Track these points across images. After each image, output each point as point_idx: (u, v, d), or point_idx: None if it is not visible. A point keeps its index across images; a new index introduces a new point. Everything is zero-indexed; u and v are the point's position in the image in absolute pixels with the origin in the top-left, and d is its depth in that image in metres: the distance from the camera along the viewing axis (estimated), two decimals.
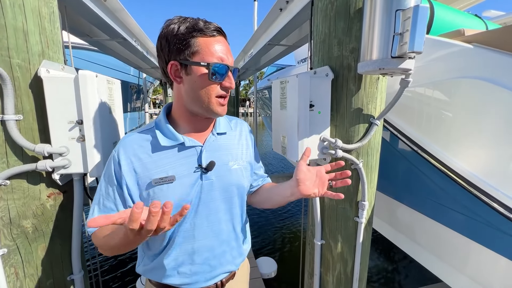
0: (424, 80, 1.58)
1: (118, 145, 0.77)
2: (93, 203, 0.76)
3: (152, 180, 0.74)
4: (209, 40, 0.71)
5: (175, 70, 0.73)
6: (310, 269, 1.51)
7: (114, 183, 0.74)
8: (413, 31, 0.85)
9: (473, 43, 1.40)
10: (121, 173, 0.74)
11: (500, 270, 1.25)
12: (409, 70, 0.98)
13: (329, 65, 1.19)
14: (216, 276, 0.85)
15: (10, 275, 0.96)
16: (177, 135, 0.77)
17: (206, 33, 0.70)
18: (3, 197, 0.93)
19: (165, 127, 0.78)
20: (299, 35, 2.34)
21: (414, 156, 1.62)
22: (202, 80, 0.71)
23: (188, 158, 0.79)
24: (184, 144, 0.78)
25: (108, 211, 0.74)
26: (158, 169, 0.75)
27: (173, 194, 0.75)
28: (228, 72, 0.74)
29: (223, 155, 0.83)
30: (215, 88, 0.73)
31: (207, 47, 0.70)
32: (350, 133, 1.21)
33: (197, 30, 0.69)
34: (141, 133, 0.79)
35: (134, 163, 0.74)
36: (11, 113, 0.90)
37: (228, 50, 0.75)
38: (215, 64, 0.70)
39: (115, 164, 0.75)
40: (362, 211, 1.27)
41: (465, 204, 1.37)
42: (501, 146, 1.22)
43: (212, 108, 0.75)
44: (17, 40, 0.91)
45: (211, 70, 0.70)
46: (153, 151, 0.76)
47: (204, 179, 0.79)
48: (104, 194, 0.75)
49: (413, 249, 1.83)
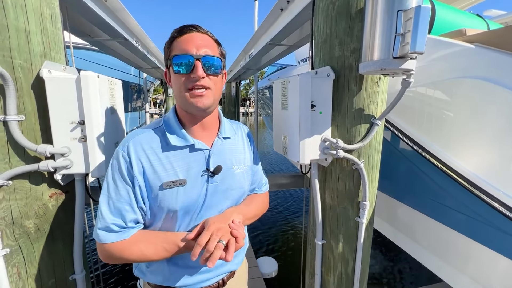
0: (425, 80, 1.58)
1: (126, 144, 0.74)
2: (101, 208, 0.72)
3: (163, 183, 0.73)
4: (180, 38, 0.73)
5: (168, 77, 0.79)
6: (311, 268, 1.51)
7: (129, 184, 0.72)
8: (414, 32, 0.85)
9: (475, 43, 1.39)
10: (133, 173, 0.72)
11: (501, 270, 1.25)
12: (411, 71, 0.97)
13: (330, 65, 1.19)
14: (217, 276, 0.87)
15: (12, 275, 0.96)
16: (187, 136, 0.77)
17: (179, 34, 0.73)
18: (6, 198, 0.93)
19: (175, 126, 0.78)
20: (300, 35, 2.34)
21: (415, 156, 1.62)
22: (172, 76, 0.74)
23: (197, 161, 0.79)
24: (194, 146, 0.78)
25: (122, 214, 0.72)
26: (168, 171, 0.74)
27: (183, 197, 0.75)
28: (194, 62, 0.70)
29: (228, 159, 0.85)
30: (183, 80, 0.72)
31: (177, 45, 0.73)
32: (351, 133, 1.21)
33: (174, 34, 0.74)
34: (149, 131, 0.78)
35: (144, 164, 0.73)
36: (13, 113, 0.90)
37: (198, 40, 0.72)
38: (174, 56, 0.71)
39: (126, 164, 0.72)
40: (363, 211, 1.27)
41: (466, 203, 1.37)
42: (502, 146, 1.22)
43: (186, 101, 0.73)
44: (19, 40, 0.91)
45: (171, 63, 0.72)
46: (162, 151, 0.76)
47: (210, 182, 0.80)
48: (115, 196, 0.72)
49: (414, 249, 1.83)
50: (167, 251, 0.73)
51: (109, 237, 0.71)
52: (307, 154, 1.17)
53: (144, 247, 0.72)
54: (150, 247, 0.73)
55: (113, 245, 0.71)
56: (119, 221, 0.72)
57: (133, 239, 0.73)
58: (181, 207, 0.76)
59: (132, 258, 0.72)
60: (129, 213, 0.72)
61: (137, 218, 0.74)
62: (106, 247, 0.71)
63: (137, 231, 0.75)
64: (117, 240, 0.71)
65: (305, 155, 1.16)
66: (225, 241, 0.68)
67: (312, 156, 1.19)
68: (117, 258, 0.72)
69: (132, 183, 0.72)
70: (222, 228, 0.71)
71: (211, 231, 0.69)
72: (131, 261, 0.74)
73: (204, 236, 0.67)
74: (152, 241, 0.74)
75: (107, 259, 0.73)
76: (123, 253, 0.71)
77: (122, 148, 0.73)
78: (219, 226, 0.71)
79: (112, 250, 0.71)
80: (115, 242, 0.71)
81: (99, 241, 0.71)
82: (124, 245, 0.71)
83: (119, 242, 0.71)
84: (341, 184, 1.29)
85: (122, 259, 0.72)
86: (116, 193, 0.72)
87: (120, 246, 0.71)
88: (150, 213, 0.76)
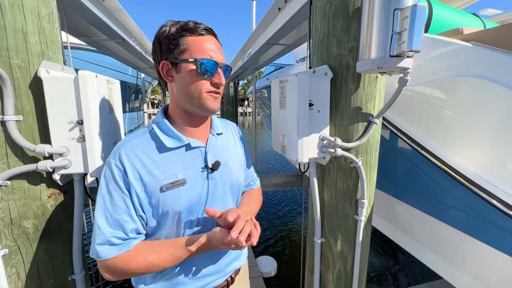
0: (423, 78, 1.59)
1: (117, 153, 0.71)
2: (98, 222, 0.68)
3: (163, 185, 0.71)
4: (198, 39, 0.72)
5: (166, 70, 0.75)
6: (310, 267, 1.52)
7: (126, 193, 0.69)
8: (411, 30, 0.85)
9: (472, 41, 1.40)
10: (129, 181, 0.69)
11: (499, 266, 1.26)
12: (408, 69, 0.98)
13: (328, 64, 1.20)
14: (226, 274, 0.87)
15: (11, 275, 0.96)
16: (181, 136, 0.76)
17: (195, 32, 0.72)
18: (4, 198, 0.93)
19: (167, 128, 0.77)
20: (297, 34, 2.34)
21: (414, 154, 1.63)
22: (191, 76, 0.72)
23: (195, 160, 0.78)
24: (190, 145, 0.78)
25: (122, 225, 0.69)
26: (167, 173, 0.73)
27: (186, 197, 0.74)
28: (217, 69, 0.74)
29: (223, 155, 0.85)
30: (205, 84, 0.73)
31: (196, 45, 0.72)
32: (349, 131, 1.22)
33: (187, 30, 0.72)
34: (139, 138, 0.75)
35: (139, 170, 0.70)
36: (11, 113, 0.90)
37: (218, 48, 0.76)
38: (203, 59, 0.71)
39: (120, 173, 0.69)
40: (362, 209, 1.28)
41: (464, 201, 1.38)
42: (499, 143, 1.23)
43: (204, 103, 0.74)
44: (17, 40, 0.91)
45: (199, 65, 0.71)
46: (157, 155, 0.74)
47: (210, 178, 0.80)
48: (112, 208, 0.68)
49: (413, 247, 1.84)
50: (175, 256, 0.72)
51: (110, 252, 0.67)
52: (305, 152, 1.17)
53: (149, 256, 0.70)
54: (156, 255, 0.70)
55: (116, 259, 0.67)
56: (120, 233, 0.68)
57: (136, 249, 0.70)
58: (185, 207, 0.74)
59: (137, 269, 0.69)
60: (128, 223, 0.69)
61: (138, 227, 0.71)
62: (109, 263, 0.67)
63: (139, 242, 0.72)
64: (119, 253, 0.68)
65: (303, 154, 1.17)
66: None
67: (310, 155, 1.19)
68: (122, 273, 0.69)
69: (129, 191, 0.69)
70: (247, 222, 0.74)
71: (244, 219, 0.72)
72: (136, 273, 0.71)
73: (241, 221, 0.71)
74: (157, 249, 0.72)
75: (111, 276, 0.69)
76: (127, 265, 0.68)
77: (114, 157, 0.70)
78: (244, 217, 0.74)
79: (115, 264, 0.67)
80: (117, 256, 0.67)
81: (99, 258, 0.67)
82: (128, 256, 0.68)
83: (122, 255, 0.68)
84: (339, 183, 1.30)
85: (127, 272, 0.69)
86: (112, 204, 0.68)
87: (123, 259, 0.68)
88: (152, 220, 0.73)
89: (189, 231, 0.78)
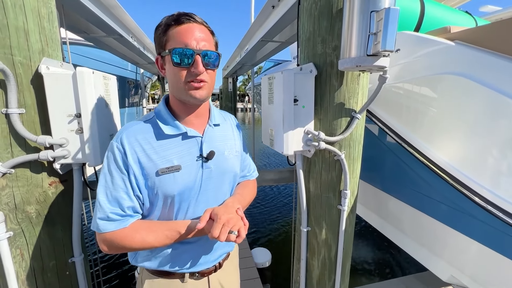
0: (409, 75, 1.65)
1: (120, 136, 0.76)
2: (99, 198, 0.74)
3: (159, 169, 0.76)
4: (178, 29, 0.73)
5: (160, 64, 0.81)
6: (298, 254, 1.60)
7: (125, 173, 0.74)
8: (385, 31, 0.92)
9: (456, 40, 1.46)
10: (128, 163, 0.74)
11: (472, 253, 1.34)
12: (385, 68, 1.05)
13: (313, 62, 1.26)
14: (216, 259, 0.92)
15: (16, 256, 1.05)
16: (179, 125, 0.80)
17: (176, 23, 0.73)
18: (9, 184, 1.01)
19: (167, 116, 0.81)
20: (290, 32, 2.39)
21: (399, 149, 1.70)
22: (170, 67, 0.75)
23: (191, 148, 0.83)
24: (187, 134, 0.82)
25: (120, 202, 0.74)
26: (164, 158, 0.77)
27: (180, 182, 0.78)
28: (194, 56, 0.72)
29: (220, 145, 0.89)
30: (184, 73, 0.73)
31: (173, 35, 0.73)
32: (333, 126, 1.29)
33: (170, 21, 0.74)
34: (142, 123, 0.80)
35: (138, 153, 0.75)
36: (14, 106, 0.97)
37: (200, 35, 0.74)
38: (175, 49, 0.71)
39: (121, 154, 0.74)
40: (344, 199, 1.36)
41: (442, 192, 1.45)
42: (477, 139, 1.30)
43: (186, 92, 0.75)
44: (19, 39, 0.98)
45: (172, 56, 0.72)
46: (156, 141, 0.78)
47: (204, 167, 0.84)
48: (112, 186, 0.74)
49: (399, 238, 1.92)
50: (169, 238, 0.76)
51: (109, 226, 0.72)
52: (290, 145, 1.24)
53: (145, 234, 0.75)
54: (151, 234, 0.75)
55: (113, 234, 0.73)
56: (117, 209, 0.74)
57: (133, 227, 0.75)
58: (178, 192, 0.78)
59: (133, 245, 0.74)
60: (126, 201, 0.74)
61: (135, 206, 0.76)
62: (107, 236, 0.73)
63: (136, 221, 0.77)
64: (117, 229, 0.73)
65: (288, 147, 1.24)
66: (236, 229, 0.72)
67: (295, 148, 1.26)
68: (118, 247, 0.74)
69: (128, 172, 0.74)
70: (232, 218, 0.74)
71: (221, 223, 0.72)
72: (131, 249, 0.76)
73: (216, 228, 0.71)
74: (153, 229, 0.77)
75: (108, 249, 0.74)
76: (123, 241, 0.73)
77: (116, 140, 0.76)
78: (229, 217, 0.74)
79: (112, 239, 0.73)
80: (115, 230, 0.73)
81: (99, 231, 0.72)
82: (125, 233, 0.73)
83: (119, 230, 0.73)
84: (324, 174, 1.37)
85: (123, 247, 0.74)
86: (112, 183, 0.74)
87: (120, 234, 0.73)
88: (148, 201, 0.79)
89: (181, 215, 0.83)
